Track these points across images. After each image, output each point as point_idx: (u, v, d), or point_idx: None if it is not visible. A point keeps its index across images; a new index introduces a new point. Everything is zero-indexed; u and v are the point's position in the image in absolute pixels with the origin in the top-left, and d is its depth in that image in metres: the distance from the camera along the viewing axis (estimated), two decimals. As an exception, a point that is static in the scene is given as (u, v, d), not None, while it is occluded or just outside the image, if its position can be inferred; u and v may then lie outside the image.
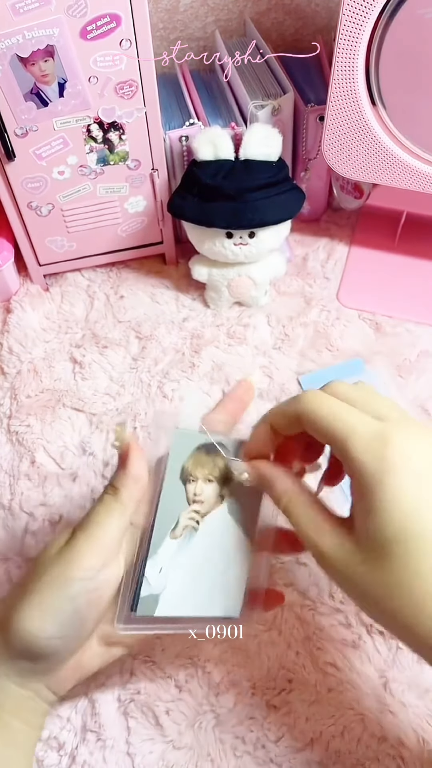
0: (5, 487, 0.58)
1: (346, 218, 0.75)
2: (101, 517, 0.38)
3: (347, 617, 0.49)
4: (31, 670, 0.39)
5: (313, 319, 0.67)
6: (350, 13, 0.50)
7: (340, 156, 0.60)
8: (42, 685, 0.40)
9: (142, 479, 0.40)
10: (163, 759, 0.45)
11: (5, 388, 0.64)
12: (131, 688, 0.47)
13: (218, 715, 0.46)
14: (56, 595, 0.37)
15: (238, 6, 0.73)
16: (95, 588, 0.37)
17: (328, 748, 0.45)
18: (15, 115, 0.56)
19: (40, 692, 0.40)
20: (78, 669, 0.41)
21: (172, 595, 0.40)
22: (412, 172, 0.59)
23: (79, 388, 0.63)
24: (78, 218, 0.65)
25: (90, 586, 0.37)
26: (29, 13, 0.50)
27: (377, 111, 0.56)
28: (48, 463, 0.59)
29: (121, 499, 0.39)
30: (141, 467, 0.40)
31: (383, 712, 0.46)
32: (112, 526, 0.38)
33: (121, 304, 0.70)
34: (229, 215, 0.60)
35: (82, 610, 0.37)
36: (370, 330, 0.66)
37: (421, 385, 0.62)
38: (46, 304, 0.70)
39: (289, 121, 0.65)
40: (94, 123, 0.58)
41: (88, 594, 0.37)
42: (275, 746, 0.45)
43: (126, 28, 0.52)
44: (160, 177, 0.64)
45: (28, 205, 0.63)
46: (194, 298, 0.70)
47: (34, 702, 0.40)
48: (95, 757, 0.45)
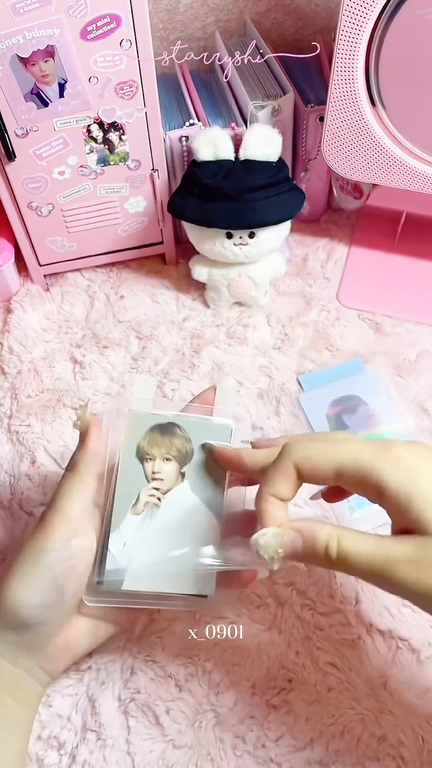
0: (5, 487, 0.58)
1: (346, 218, 0.76)
2: (64, 492, 0.42)
3: (347, 617, 0.50)
4: (19, 643, 0.41)
5: (313, 319, 0.67)
6: (350, 14, 0.50)
7: (340, 156, 0.60)
8: (33, 663, 0.41)
9: (100, 454, 0.43)
10: (163, 758, 0.45)
11: (6, 388, 0.64)
12: (131, 688, 0.48)
13: (218, 714, 0.46)
14: (34, 567, 0.40)
15: (238, 6, 0.73)
16: (68, 557, 0.40)
17: (328, 748, 0.45)
18: (15, 115, 0.56)
19: (32, 671, 0.41)
20: (67, 648, 0.42)
21: (138, 571, 0.42)
22: (412, 172, 0.59)
23: (80, 388, 0.64)
24: (78, 218, 0.65)
25: (63, 555, 0.40)
26: (29, 14, 0.50)
27: (377, 111, 0.56)
28: (48, 463, 0.59)
29: (80, 473, 0.42)
30: (98, 443, 0.43)
31: (383, 712, 0.46)
32: (74, 498, 0.41)
33: (122, 304, 0.70)
34: (229, 215, 0.60)
35: (59, 578, 0.40)
36: (370, 330, 0.66)
37: (420, 385, 0.62)
38: (46, 304, 0.70)
39: (289, 121, 0.65)
40: (94, 123, 0.58)
41: (63, 563, 0.40)
42: (275, 746, 0.45)
43: (126, 28, 0.52)
44: (160, 177, 0.64)
45: (28, 206, 0.63)
46: (194, 298, 0.70)
47: (27, 681, 0.41)
48: (95, 756, 0.45)
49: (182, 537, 0.42)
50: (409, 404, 0.61)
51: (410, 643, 0.48)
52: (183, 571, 0.42)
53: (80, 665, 0.48)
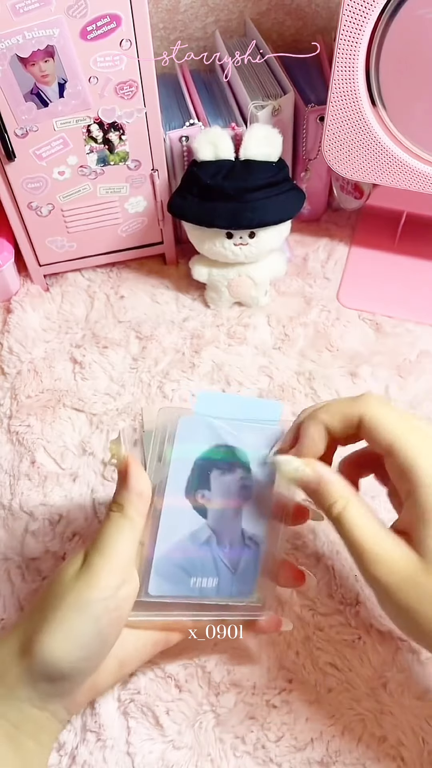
0: (5, 487, 0.58)
1: (346, 218, 0.76)
2: (113, 535, 0.38)
3: (347, 617, 0.49)
4: (52, 693, 0.38)
5: (313, 320, 0.67)
6: (350, 14, 0.50)
7: (340, 156, 0.60)
8: (60, 706, 0.40)
9: (146, 494, 0.40)
10: (163, 759, 0.45)
11: (5, 388, 0.64)
12: (131, 688, 0.47)
13: (218, 715, 0.46)
14: (79, 618, 0.37)
15: (239, 6, 0.73)
16: (116, 607, 0.38)
17: (328, 749, 0.45)
18: (15, 115, 0.56)
19: (57, 713, 0.40)
20: (93, 689, 0.41)
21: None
22: (412, 172, 0.59)
23: (80, 388, 0.64)
24: (78, 218, 0.65)
25: (111, 605, 0.37)
26: (29, 14, 0.50)
27: (377, 111, 0.56)
28: (48, 463, 0.59)
29: (129, 516, 0.39)
30: (143, 482, 0.40)
31: (383, 712, 0.46)
32: (124, 543, 0.38)
33: (122, 304, 0.70)
34: (229, 215, 0.60)
35: (104, 630, 0.37)
36: (370, 330, 0.66)
37: (420, 385, 0.62)
38: (46, 305, 0.70)
39: (290, 121, 0.65)
40: (94, 123, 0.58)
41: (109, 614, 0.37)
42: (275, 746, 0.45)
43: (126, 28, 0.52)
44: (161, 177, 0.64)
45: (28, 206, 0.63)
46: (194, 298, 0.70)
47: (50, 722, 0.40)
48: (95, 757, 0.45)
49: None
50: (408, 405, 0.60)
51: (410, 644, 0.48)
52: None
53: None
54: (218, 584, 0.42)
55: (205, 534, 0.42)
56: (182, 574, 0.41)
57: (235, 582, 0.43)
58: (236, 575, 0.42)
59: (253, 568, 0.43)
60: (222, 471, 0.42)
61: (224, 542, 0.42)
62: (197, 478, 0.42)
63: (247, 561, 0.43)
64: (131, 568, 0.39)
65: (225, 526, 0.42)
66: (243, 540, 0.43)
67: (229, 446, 0.42)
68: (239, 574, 0.42)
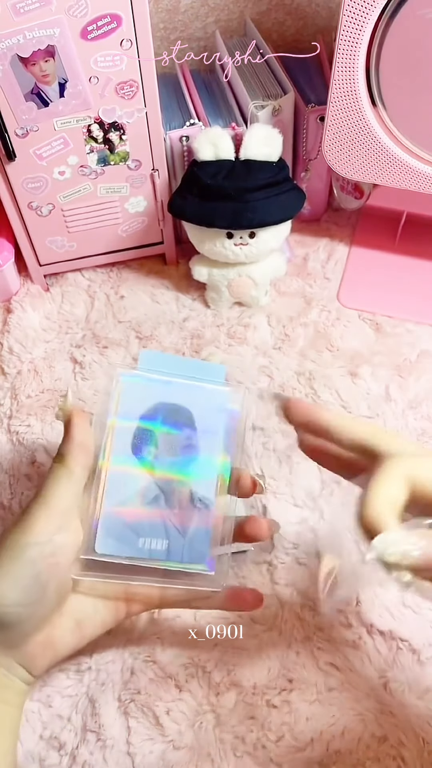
0: (5, 487, 0.58)
1: (347, 218, 0.76)
2: (51, 484, 0.40)
3: (347, 617, 0.49)
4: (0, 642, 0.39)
5: (313, 320, 0.67)
6: (350, 14, 0.50)
7: (341, 156, 0.60)
8: (12, 660, 0.40)
9: (87, 444, 0.41)
10: (163, 759, 0.45)
11: (6, 388, 0.64)
12: (131, 688, 0.47)
13: (218, 715, 0.46)
14: (14, 562, 0.38)
15: (239, 6, 0.73)
16: (51, 553, 0.38)
17: (328, 748, 0.45)
18: (16, 115, 0.56)
19: (11, 668, 0.40)
20: (50, 646, 0.41)
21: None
22: (412, 172, 0.59)
23: (80, 388, 0.64)
24: (78, 218, 0.65)
25: (46, 550, 0.38)
26: (30, 13, 0.50)
27: (377, 111, 0.56)
28: (48, 463, 0.59)
29: (69, 465, 0.40)
30: (85, 433, 0.41)
31: (383, 712, 0.46)
32: (61, 491, 0.39)
33: (122, 304, 0.70)
34: (229, 215, 0.60)
35: (41, 575, 0.38)
36: (371, 330, 0.66)
37: (421, 385, 0.62)
38: (46, 304, 0.70)
39: (290, 121, 0.65)
40: (94, 123, 0.58)
41: (46, 559, 0.38)
42: (275, 746, 0.45)
43: (126, 28, 0.52)
44: (161, 177, 0.64)
45: (28, 205, 0.63)
46: (194, 298, 0.70)
47: (7, 678, 0.40)
48: (95, 756, 0.45)
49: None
50: (408, 405, 0.61)
51: (411, 644, 0.48)
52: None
53: (80, 666, 0.48)
54: (168, 547, 0.42)
55: (153, 492, 0.42)
56: (130, 533, 0.41)
57: (186, 547, 0.42)
58: (187, 539, 0.42)
59: (205, 533, 0.42)
60: (168, 429, 0.42)
61: (173, 502, 0.42)
62: (143, 435, 0.42)
63: (198, 525, 0.42)
64: (70, 517, 0.40)
65: (173, 486, 0.42)
66: (192, 501, 0.42)
67: (174, 404, 0.43)
68: (189, 539, 0.42)
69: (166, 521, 0.42)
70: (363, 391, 0.62)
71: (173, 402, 0.43)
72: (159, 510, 0.42)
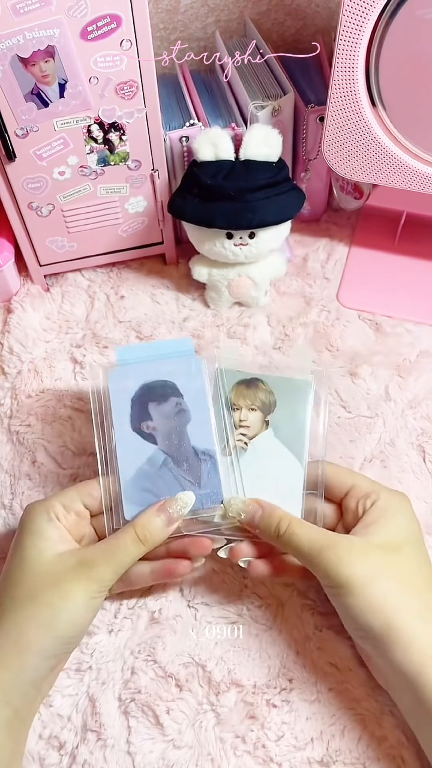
0: (6, 487, 0.58)
1: (346, 218, 0.76)
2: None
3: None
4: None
5: (313, 320, 0.67)
6: (350, 14, 0.50)
7: (340, 157, 0.60)
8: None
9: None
10: (164, 758, 0.45)
11: (6, 388, 0.64)
12: (132, 687, 0.48)
13: (218, 714, 0.46)
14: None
15: (239, 6, 0.73)
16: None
17: (328, 748, 0.45)
18: (15, 115, 0.56)
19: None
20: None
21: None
22: (412, 172, 0.59)
23: (80, 388, 0.64)
24: (78, 218, 0.65)
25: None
26: (30, 14, 0.50)
27: (377, 112, 0.56)
28: (48, 463, 0.59)
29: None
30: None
31: (383, 712, 0.46)
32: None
33: (122, 304, 0.70)
34: (229, 215, 0.60)
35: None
36: (370, 330, 0.66)
37: (420, 385, 0.62)
38: (46, 305, 0.70)
39: (290, 121, 0.65)
40: (94, 123, 0.58)
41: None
42: (275, 746, 0.45)
43: (126, 28, 0.52)
44: (161, 177, 0.64)
45: (28, 206, 0.63)
46: (194, 298, 0.70)
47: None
48: (95, 756, 0.45)
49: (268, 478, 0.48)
50: (408, 405, 0.61)
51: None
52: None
53: (81, 665, 0.49)
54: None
55: (161, 457, 0.48)
56: (150, 496, 0.47)
57: (201, 494, 0.47)
58: (201, 488, 0.47)
59: (215, 474, 0.48)
60: (158, 401, 0.49)
61: (181, 463, 0.48)
62: (138, 412, 0.49)
63: (209, 473, 0.48)
64: None
65: (176, 448, 0.48)
66: (197, 456, 0.48)
67: (157, 380, 0.50)
68: (204, 486, 0.47)
69: (180, 479, 0.47)
70: (363, 390, 0.62)
71: (156, 379, 0.50)
72: (170, 472, 0.47)
